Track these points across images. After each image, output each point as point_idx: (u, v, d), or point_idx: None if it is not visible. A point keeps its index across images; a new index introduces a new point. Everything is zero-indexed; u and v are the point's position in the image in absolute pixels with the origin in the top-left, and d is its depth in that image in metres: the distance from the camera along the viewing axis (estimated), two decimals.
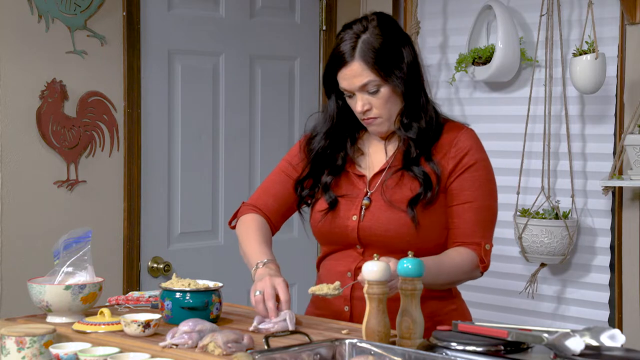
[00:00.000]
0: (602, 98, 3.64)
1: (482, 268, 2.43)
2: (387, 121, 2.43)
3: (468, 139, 2.47)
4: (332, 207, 2.46)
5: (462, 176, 2.42)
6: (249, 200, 2.62)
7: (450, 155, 2.43)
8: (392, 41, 2.39)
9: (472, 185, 2.42)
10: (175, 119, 3.80)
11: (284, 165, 2.61)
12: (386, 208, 2.41)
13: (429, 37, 4.15)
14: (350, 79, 2.38)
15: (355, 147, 2.52)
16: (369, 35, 2.38)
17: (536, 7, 3.72)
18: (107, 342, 2.07)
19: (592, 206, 3.72)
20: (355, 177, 2.49)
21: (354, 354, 1.94)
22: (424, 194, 2.39)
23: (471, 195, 2.42)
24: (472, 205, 2.42)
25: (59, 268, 2.35)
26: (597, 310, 3.70)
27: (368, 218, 2.42)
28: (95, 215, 3.55)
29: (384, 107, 2.40)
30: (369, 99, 2.39)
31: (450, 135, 2.47)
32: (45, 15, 3.42)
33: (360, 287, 2.32)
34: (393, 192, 2.42)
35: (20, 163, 3.38)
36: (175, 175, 3.81)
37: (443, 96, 4.13)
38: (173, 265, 3.74)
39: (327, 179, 2.49)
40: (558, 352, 1.76)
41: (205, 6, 3.90)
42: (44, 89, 3.43)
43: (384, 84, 2.38)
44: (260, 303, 2.23)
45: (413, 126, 2.43)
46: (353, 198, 2.46)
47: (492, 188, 2.48)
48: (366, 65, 2.36)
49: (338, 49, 2.40)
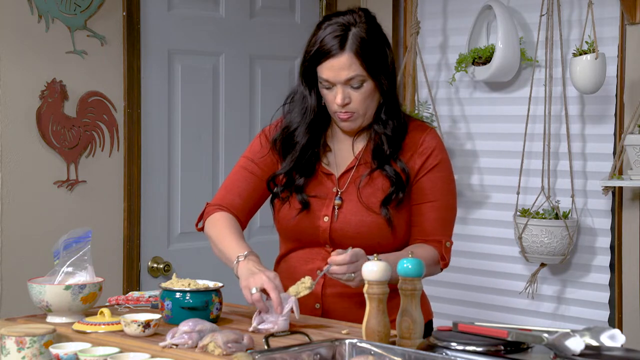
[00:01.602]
0: (602, 98, 3.64)
1: (442, 265, 2.46)
2: (362, 117, 2.43)
3: (433, 139, 2.48)
4: (304, 208, 2.46)
5: (426, 176, 2.45)
6: (213, 201, 2.58)
7: (417, 155, 2.45)
8: (378, 38, 2.41)
9: (435, 185, 2.45)
10: (175, 119, 3.80)
11: (244, 162, 2.57)
12: (358, 209, 2.42)
13: (429, 37, 4.15)
14: (337, 71, 2.36)
15: (324, 143, 2.51)
16: (359, 29, 2.37)
17: (536, 7, 3.72)
18: (107, 342, 2.07)
19: (592, 206, 3.72)
20: (324, 175, 2.49)
21: (354, 354, 1.94)
22: (396, 194, 2.41)
23: (433, 195, 2.45)
24: (434, 204, 2.45)
25: (59, 268, 2.35)
26: (597, 310, 3.70)
27: (340, 219, 2.43)
28: (95, 215, 3.55)
29: (363, 103, 2.40)
30: (350, 92, 2.39)
31: (416, 134, 2.48)
32: (45, 15, 3.42)
33: (332, 283, 2.40)
34: (367, 193, 2.43)
35: (20, 163, 3.39)
36: (175, 175, 3.81)
37: (443, 96, 4.13)
38: (173, 265, 3.74)
39: (300, 181, 2.48)
40: (558, 352, 1.76)
41: (205, 6, 3.90)
42: (44, 89, 3.43)
43: (368, 79, 2.38)
44: (259, 301, 2.22)
45: (390, 123, 2.44)
46: (323, 198, 2.46)
47: (453, 187, 2.52)
48: (356, 58, 2.35)
49: (324, 40, 2.36)
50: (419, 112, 3.98)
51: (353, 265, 2.20)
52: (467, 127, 4.07)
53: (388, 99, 2.44)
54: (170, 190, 3.80)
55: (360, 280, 2.15)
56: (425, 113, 3.98)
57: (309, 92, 2.46)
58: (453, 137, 4.08)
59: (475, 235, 4.02)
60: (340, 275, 2.22)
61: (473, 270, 4.03)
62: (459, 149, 4.08)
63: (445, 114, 4.10)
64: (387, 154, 2.43)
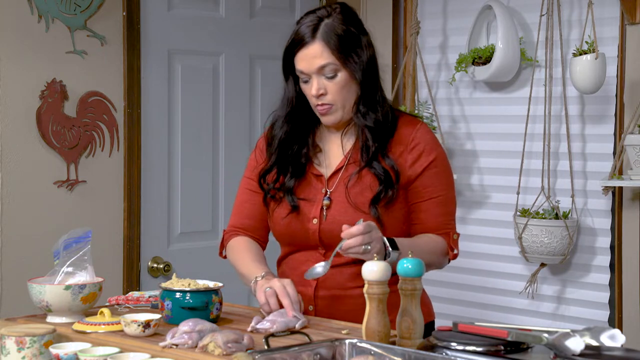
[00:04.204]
0: (602, 98, 3.64)
1: (452, 256, 2.47)
2: (341, 109, 2.42)
3: (424, 134, 2.46)
4: (293, 210, 2.47)
5: (424, 173, 2.43)
6: (228, 227, 2.62)
7: (409, 152, 2.43)
8: (353, 30, 2.41)
9: (435, 181, 2.45)
10: (175, 119, 3.80)
11: (245, 182, 2.61)
12: (347, 209, 2.41)
13: (429, 37, 4.15)
14: (310, 60, 2.38)
15: (314, 143, 2.52)
16: (332, 20, 2.39)
17: (536, 7, 3.72)
18: (107, 342, 2.07)
19: (592, 206, 3.72)
20: (314, 177, 2.49)
21: (354, 354, 1.94)
22: (385, 192, 2.40)
23: (435, 191, 2.45)
24: (437, 200, 2.45)
25: (59, 268, 2.34)
26: (597, 310, 3.70)
27: (329, 221, 2.42)
28: (95, 215, 3.55)
29: (339, 94, 2.40)
30: (325, 83, 2.39)
31: (406, 130, 2.46)
32: (45, 15, 3.42)
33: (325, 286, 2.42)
34: (355, 192, 2.42)
35: (20, 163, 3.39)
36: (175, 175, 3.81)
37: (443, 96, 4.13)
38: (173, 265, 3.74)
39: (290, 183, 2.48)
40: (558, 352, 1.76)
41: (205, 6, 3.90)
42: (44, 89, 3.43)
43: (342, 68, 2.38)
44: (272, 296, 2.24)
45: (370, 114, 2.43)
46: (312, 200, 2.46)
47: (451, 180, 2.52)
48: (327, 46, 2.37)
49: (298, 31, 2.40)
50: (419, 112, 3.98)
51: (368, 235, 2.20)
52: (467, 127, 4.07)
53: (366, 90, 2.42)
54: (170, 190, 3.80)
55: (377, 251, 2.18)
56: (425, 113, 3.98)
57: (287, 83, 2.49)
58: (453, 137, 4.08)
59: (475, 235, 4.02)
60: (357, 249, 2.20)
61: (473, 270, 4.03)
62: (459, 149, 4.08)
63: (445, 114, 4.10)
64: (374, 150, 2.42)
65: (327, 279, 2.40)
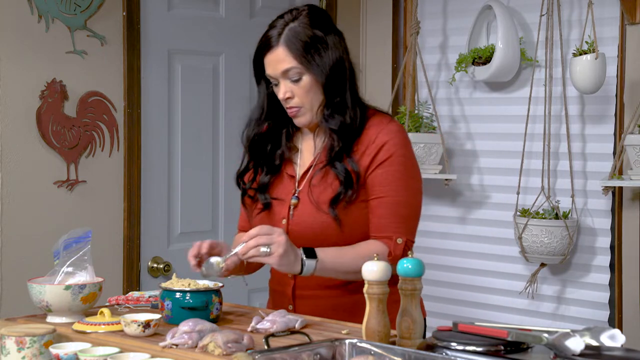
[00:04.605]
0: (602, 98, 3.64)
1: (390, 260, 2.33)
2: (310, 112, 2.43)
3: (387, 133, 2.43)
4: (266, 208, 2.49)
5: (375, 171, 2.41)
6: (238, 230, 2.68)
7: (368, 152, 2.42)
8: (319, 33, 2.41)
9: (385, 180, 2.40)
10: (175, 119, 3.80)
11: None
12: (311, 209, 2.43)
13: (429, 37, 4.15)
14: (274, 64, 2.41)
15: (292, 144, 2.53)
16: (297, 24, 2.40)
17: (536, 7, 3.72)
18: (107, 342, 2.07)
19: (592, 206, 3.72)
20: (287, 177, 2.50)
21: (354, 354, 1.94)
22: (345, 193, 2.39)
23: (383, 191, 2.40)
24: (383, 200, 2.40)
25: (59, 268, 2.34)
26: (597, 310, 3.70)
27: (295, 221, 2.44)
28: (95, 215, 3.55)
29: (306, 97, 2.41)
30: (291, 87, 2.41)
31: (372, 130, 2.44)
32: (45, 15, 3.42)
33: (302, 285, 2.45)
34: (317, 192, 2.43)
35: (20, 163, 3.39)
36: (175, 175, 3.81)
37: (443, 96, 4.13)
38: (173, 265, 3.74)
39: (265, 179, 2.51)
40: (558, 352, 1.76)
41: (205, 6, 3.90)
42: (44, 89, 3.43)
43: (305, 72, 2.39)
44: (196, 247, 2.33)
45: (335, 118, 2.42)
46: (283, 199, 2.48)
47: (410, 183, 2.42)
48: (289, 51, 2.38)
49: (265, 35, 2.43)
50: (419, 112, 3.98)
51: (266, 237, 2.21)
52: (467, 127, 4.07)
53: (330, 94, 2.42)
54: (170, 190, 3.80)
55: (279, 255, 2.20)
56: (425, 113, 3.98)
57: (258, 87, 2.52)
58: (453, 137, 4.08)
59: (475, 235, 4.02)
60: (254, 250, 2.22)
61: (473, 270, 4.03)
62: (459, 149, 4.08)
63: (445, 114, 4.10)
64: (337, 151, 2.41)
65: (305, 278, 2.40)
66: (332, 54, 2.42)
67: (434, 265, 4.05)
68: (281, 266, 2.25)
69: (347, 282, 2.44)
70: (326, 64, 2.40)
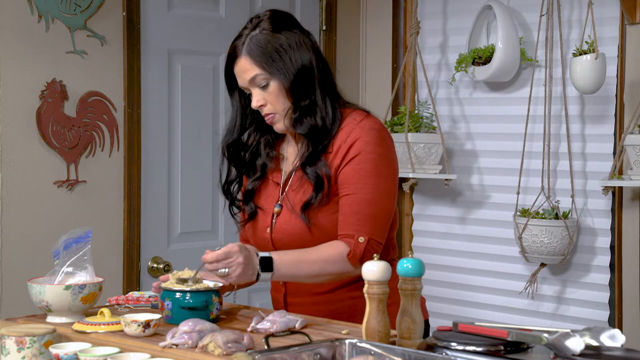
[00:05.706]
0: (602, 98, 3.64)
1: (350, 259, 2.32)
2: (284, 117, 2.42)
3: (359, 131, 2.39)
4: (251, 218, 2.49)
5: (344, 169, 2.38)
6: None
7: (340, 151, 2.39)
8: (281, 37, 2.40)
9: (352, 178, 2.36)
10: (175, 119, 3.80)
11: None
12: (290, 216, 2.42)
13: (429, 37, 4.15)
14: (241, 74, 2.42)
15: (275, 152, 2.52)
16: (258, 31, 2.41)
17: (536, 7, 3.72)
18: (107, 342, 2.07)
19: (592, 206, 3.72)
20: (273, 185, 2.49)
21: (354, 354, 1.94)
22: (315, 197, 2.37)
23: (349, 189, 2.36)
24: (349, 198, 2.36)
25: (59, 268, 2.35)
26: (597, 310, 3.70)
27: (277, 229, 2.44)
28: (95, 215, 3.55)
29: (277, 102, 2.40)
30: (262, 94, 2.41)
31: (346, 129, 2.41)
32: (45, 15, 3.42)
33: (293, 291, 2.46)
34: (294, 198, 2.42)
35: (20, 163, 3.39)
36: (175, 175, 3.81)
37: (443, 96, 4.13)
38: (173, 265, 3.74)
39: (249, 186, 2.51)
40: (558, 352, 1.76)
41: (205, 6, 3.90)
42: (44, 89, 3.43)
43: (271, 78, 2.39)
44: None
45: (304, 122, 2.40)
46: (267, 209, 2.48)
47: (378, 182, 2.36)
48: (251, 59, 2.39)
49: (232, 46, 2.45)
50: (419, 112, 3.98)
51: (224, 262, 2.22)
52: (467, 127, 4.07)
53: (298, 97, 2.40)
54: (170, 190, 3.80)
55: (237, 275, 2.21)
56: (425, 113, 3.98)
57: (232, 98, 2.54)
58: (453, 137, 4.08)
59: (475, 235, 4.02)
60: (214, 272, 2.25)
61: (473, 270, 4.03)
62: (459, 149, 4.08)
63: (445, 114, 4.10)
64: (308, 155, 2.39)
65: (295, 285, 2.42)
66: (296, 55, 2.40)
67: (434, 265, 4.05)
68: (239, 282, 2.28)
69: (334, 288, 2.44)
70: (290, 67, 2.39)
